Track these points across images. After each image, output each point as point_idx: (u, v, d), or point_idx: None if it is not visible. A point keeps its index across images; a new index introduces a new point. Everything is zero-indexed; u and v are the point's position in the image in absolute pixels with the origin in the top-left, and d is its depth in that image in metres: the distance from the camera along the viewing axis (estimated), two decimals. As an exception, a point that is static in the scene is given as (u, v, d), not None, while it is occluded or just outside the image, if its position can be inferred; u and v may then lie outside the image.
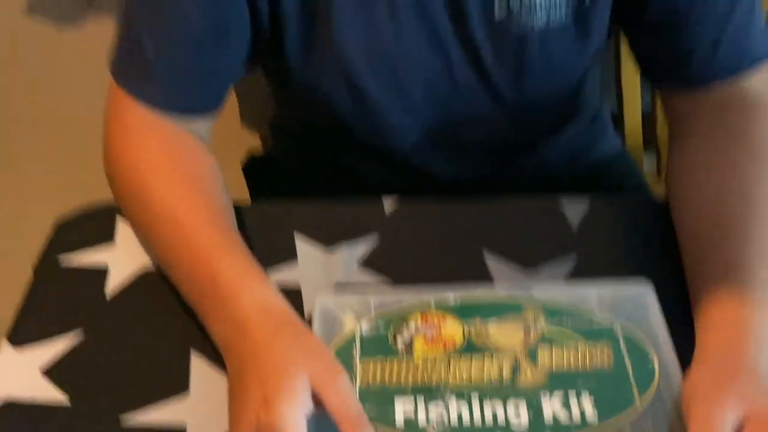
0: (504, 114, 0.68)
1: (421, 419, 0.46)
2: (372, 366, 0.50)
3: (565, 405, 0.47)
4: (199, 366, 0.52)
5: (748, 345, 0.46)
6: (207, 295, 0.51)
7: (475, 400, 0.47)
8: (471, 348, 0.50)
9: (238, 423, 0.44)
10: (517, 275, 0.58)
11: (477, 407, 0.47)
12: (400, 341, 0.51)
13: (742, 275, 0.50)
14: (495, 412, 0.47)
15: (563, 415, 0.46)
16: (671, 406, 0.47)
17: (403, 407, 0.47)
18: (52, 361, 0.53)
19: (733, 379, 0.44)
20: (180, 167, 0.58)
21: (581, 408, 0.47)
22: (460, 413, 0.47)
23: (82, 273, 0.59)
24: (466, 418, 0.46)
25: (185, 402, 0.50)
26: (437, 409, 0.47)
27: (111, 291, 0.58)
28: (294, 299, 0.52)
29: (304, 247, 0.60)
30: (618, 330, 0.51)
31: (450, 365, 0.49)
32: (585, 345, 0.50)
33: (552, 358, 0.50)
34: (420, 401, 0.47)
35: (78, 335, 0.54)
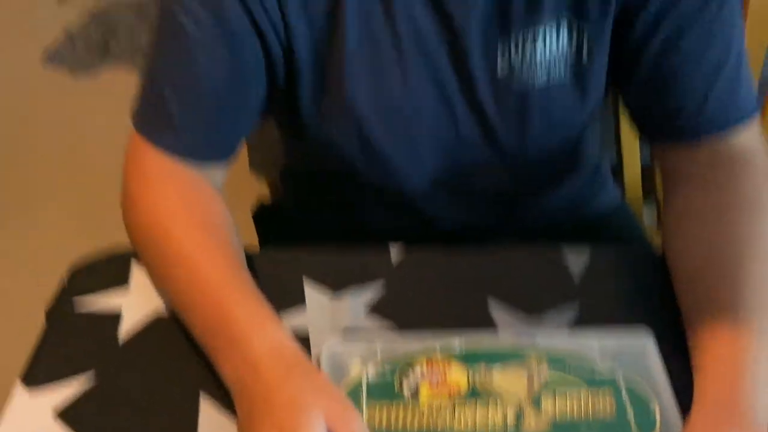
0: (507, 166, 0.70)
1: (427, 465, 0.47)
2: (378, 411, 0.51)
3: (569, 452, 0.48)
4: (208, 410, 0.53)
5: (744, 390, 0.47)
6: (219, 337, 0.53)
7: (480, 446, 0.48)
8: (475, 394, 0.51)
9: None
10: (521, 323, 0.59)
11: (482, 453, 0.48)
12: (406, 387, 0.52)
13: (736, 322, 0.51)
14: (499, 458, 0.47)
15: (566, 462, 0.47)
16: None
17: (409, 452, 0.48)
18: (65, 403, 0.54)
19: (731, 425, 0.46)
20: (196, 214, 0.60)
21: (584, 455, 0.47)
22: (465, 459, 0.47)
23: (95, 317, 0.60)
24: (470, 464, 0.47)
25: (194, 445, 0.51)
26: (442, 455, 0.48)
27: (123, 335, 0.59)
28: (301, 344, 0.53)
29: (312, 293, 0.62)
30: (620, 379, 0.52)
31: (455, 411, 0.50)
32: (587, 393, 0.51)
33: (555, 405, 0.51)
34: (426, 447, 0.48)
35: (90, 378, 0.56)
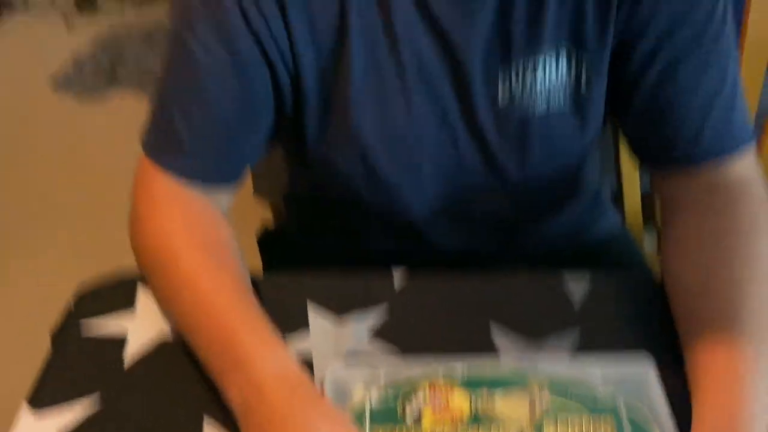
0: (508, 192, 0.71)
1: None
2: (381, 436, 0.51)
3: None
4: (213, 432, 0.53)
5: (742, 417, 0.48)
6: (224, 359, 0.53)
7: (482, 471, 0.48)
8: (478, 420, 0.52)
9: None
10: (523, 348, 0.59)
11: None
12: (408, 412, 0.52)
13: (733, 345, 0.52)
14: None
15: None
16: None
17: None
18: (70, 426, 0.54)
19: None
20: (202, 238, 0.61)
21: (585, 481, 0.48)
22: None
23: (101, 340, 0.61)
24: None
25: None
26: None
27: (129, 359, 0.59)
28: (305, 368, 0.53)
29: (315, 317, 0.62)
30: (621, 405, 0.53)
31: (458, 436, 0.51)
32: (589, 419, 0.52)
33: (557, 431, 0.51)
34: (428, 472, 0.48)
35: (95, 401, 0.56)
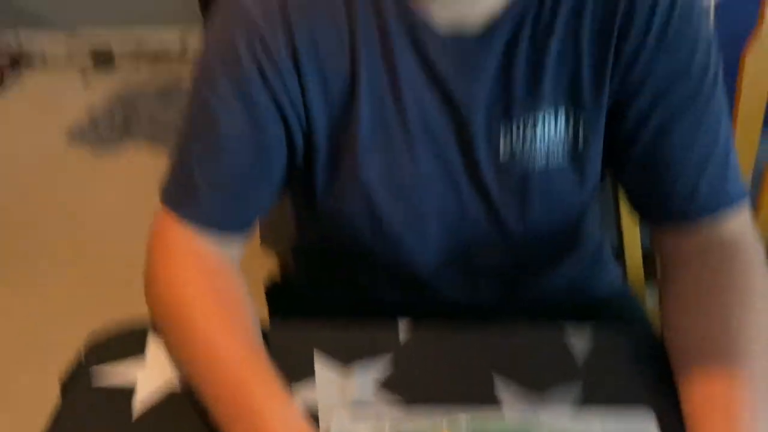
0: (510, 245, 0.73)
1: None
2: (386, 486, 0.51)
3: None
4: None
5: None
6: (233, 411, 0.54)
7: None
8: (481, 471, 0.52)
9: None
10: (526, 401, 0.60)
11: None
12: (413, 462, 0.53)
13: (730, 394, 0.54)
14: None
15: None
16: None
17: None
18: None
19: None
20: (216, 291, 0.62)
21: None
22: None
23: (110, 390, 0.62)
24: None
25: None
26: None
27: (138, 408, 0.60)
28: (311, 420, 0.54)
29: (321, 367, 0.63)
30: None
31: (461, 487, 0.51)
32: (591, 471, 0.52)
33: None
34: None
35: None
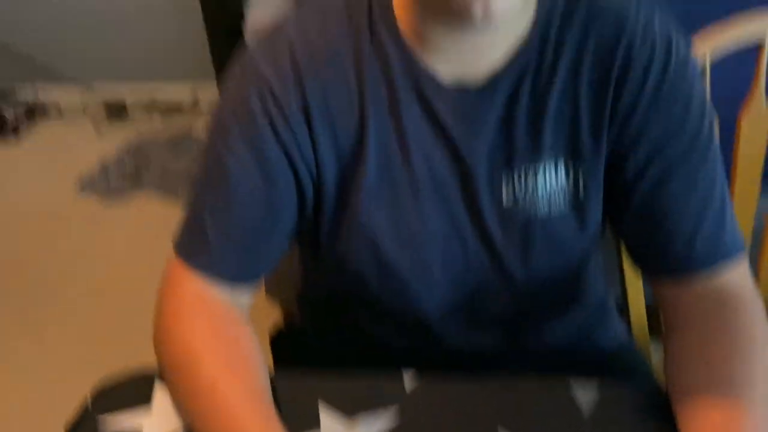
0: (514, 292, 0.73)
1: None
2: None
3: None
4: None
5: None
6: None
7: None
8: None
9: None
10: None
11: None
12: None
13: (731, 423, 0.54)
14: None
15: None
16: None
17: None
18: None
19: None
20: (225, 344, 0.63)
21: None
22: None
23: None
24: None
25: None
26: None
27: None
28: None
29: (326, 418, 0.63)
30: None
31: None
32: None
33: None
34: None
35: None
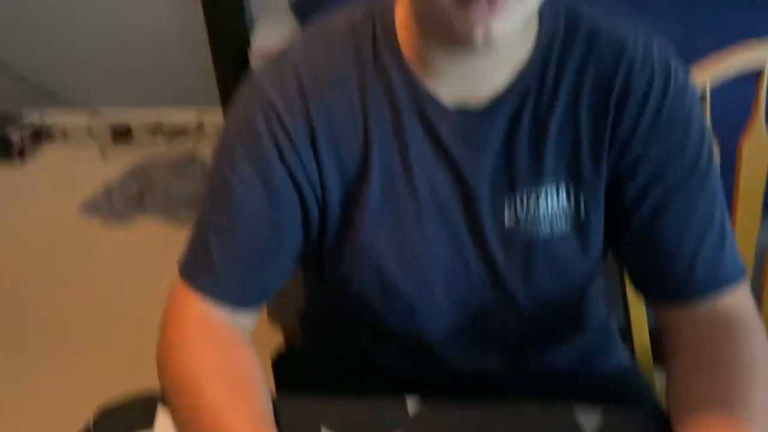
0: (517, 314, 0.73)
1: None
2: None
3: None
4: None
5: None
6: None
7: None
8: None
9: None
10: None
11: None
12: None
13: None
14: None
15: None
16: None
17: None
18: None
19: None
20: (228, 369, 0.63)
21: None
22: None
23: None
24: None
25: None
26: None
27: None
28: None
29: (329, 444, 0.63)
30: None
31: None
32: None
33: None
34: None
35: None
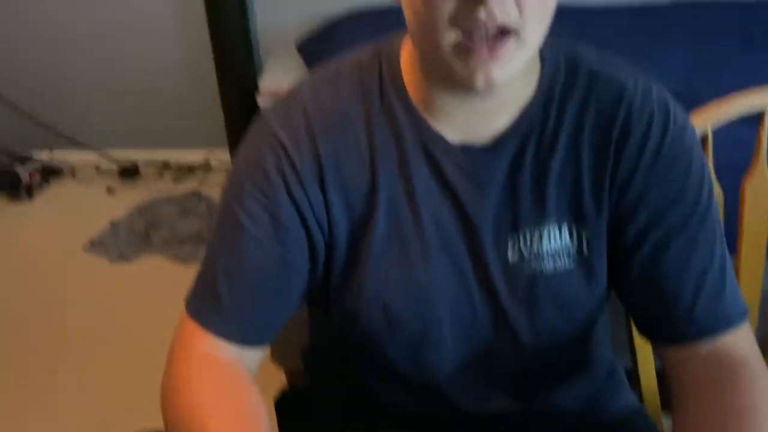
0: (521, 352, 0.73)
1: None
2: None
3: None
4: None
5: None
6: None
7: None
8: None
9: None
10: None
11: None
12: None
13: None
14: None
15: None
16: None
17: None
18: None
19: None
20: (231, 401, 0.63)
21: None
22: None
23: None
24: None
25: None
26: None
27: None
28: None
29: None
30: None
31: None
32: None
33: None
34: None
35: None
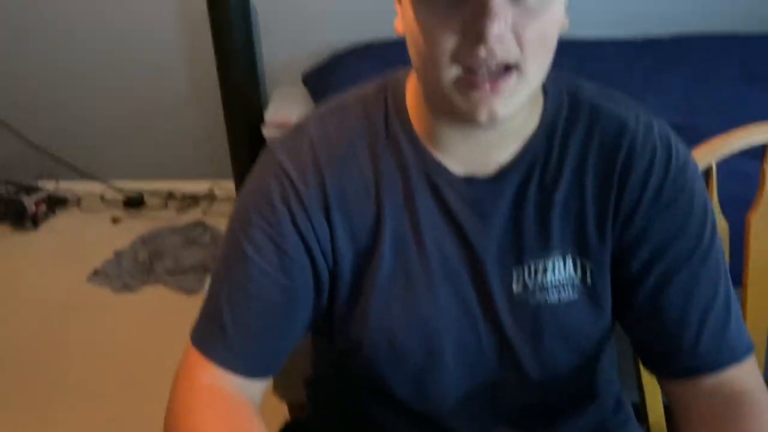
0: (525, 384, 0.72)
1: None
2: None
3: None
4: None
5: None
6: None
7: None
8: None
9: None
10: None
11: None
12: None
13: None
14: None
15: None
16: None
17: None
18: None
19: None
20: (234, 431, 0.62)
21: None
22: None
23: None
24: None
25: None
26: None
27: None
28: None
29: None
30: None
31: None
32: None
33: None
34: None
35: None
